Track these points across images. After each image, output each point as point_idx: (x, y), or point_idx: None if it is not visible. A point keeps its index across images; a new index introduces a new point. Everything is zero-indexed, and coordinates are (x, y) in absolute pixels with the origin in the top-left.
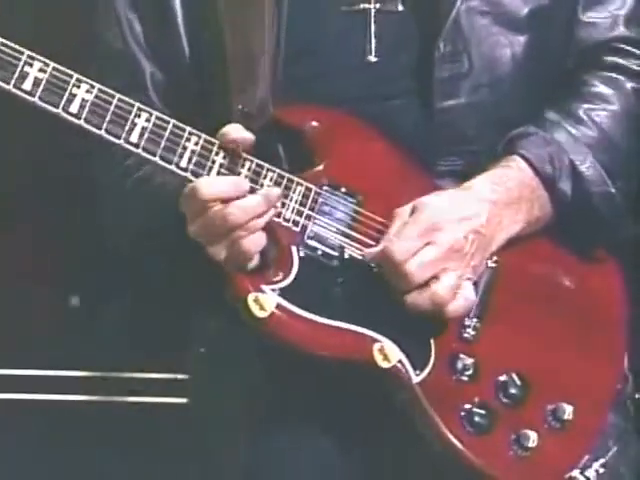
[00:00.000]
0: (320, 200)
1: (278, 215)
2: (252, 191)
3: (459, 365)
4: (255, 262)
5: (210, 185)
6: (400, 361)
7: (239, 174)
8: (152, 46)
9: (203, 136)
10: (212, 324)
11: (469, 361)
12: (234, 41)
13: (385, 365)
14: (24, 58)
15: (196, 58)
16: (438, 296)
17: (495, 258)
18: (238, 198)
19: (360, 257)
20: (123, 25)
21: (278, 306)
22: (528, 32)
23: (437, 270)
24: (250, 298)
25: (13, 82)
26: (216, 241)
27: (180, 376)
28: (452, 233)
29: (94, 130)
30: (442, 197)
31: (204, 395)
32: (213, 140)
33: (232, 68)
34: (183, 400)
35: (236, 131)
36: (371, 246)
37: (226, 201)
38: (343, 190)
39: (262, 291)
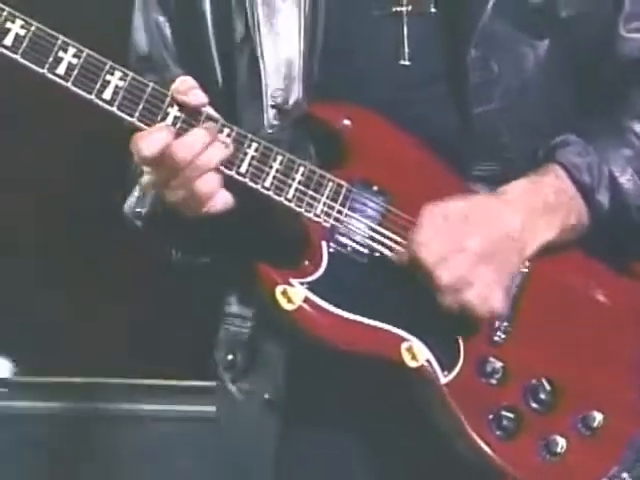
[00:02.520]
0: (351, 197)
1: (308, 210)
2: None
3: (488, 368)
4: (217, 208)
5: (148, 142)
6: (428, 361)
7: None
8: (181, 50)
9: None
10: (238, 323)
11: (498, 365)
12: (268, 43)
13: (413, 364)
14: (59, 43)
15: (226, 60)
16: (469, 303)
17: (527, 263)
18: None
19: (389, 256)
20: (152, 29)
21: (306, 300)
22: (551, 37)
23: (468, 276)
24: (278, 290)
25: (47, 66)
26: (170, 185)
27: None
28: (484, 238)
29: (126, 117)
30: (475, 201)
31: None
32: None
33: (266, 69)
34: (212, 408)
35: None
36: (401, 245)
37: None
38: (374, 188)
39: (290, 284)
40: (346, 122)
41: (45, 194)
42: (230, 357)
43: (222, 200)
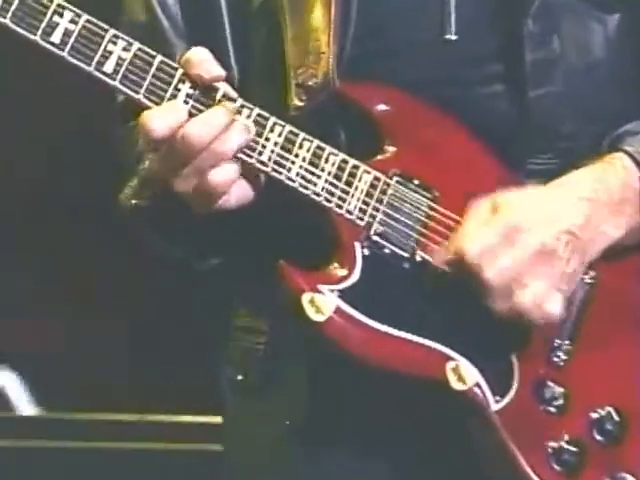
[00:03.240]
0: (389, 192)
1: (340, 205)
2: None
3: (547, 394)
4: (231, 203)
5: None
6: (477, 384)
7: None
8: (185, 18)
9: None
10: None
11: (559, 390)
12: (292, 11)
13: (459, 387)
14: (53, 6)
15: (241, 32)
16: (520, 306)
17: (592, 274)
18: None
19: (434, 261)
20: None
21: (337, 310)
22: (622, 10)
23: (521, 277)
24: (305, 298)
25: (40, 32)
26: (180, 173)
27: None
28: (540, 234)
29: (131, 94)
30: (530, 193)
31: (241, 430)
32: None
33: (289, 42)
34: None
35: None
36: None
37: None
38: (416, 182)
39: (319, 291)
40: (382, 105)
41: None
42: (241, 378)
43: (238, 194)
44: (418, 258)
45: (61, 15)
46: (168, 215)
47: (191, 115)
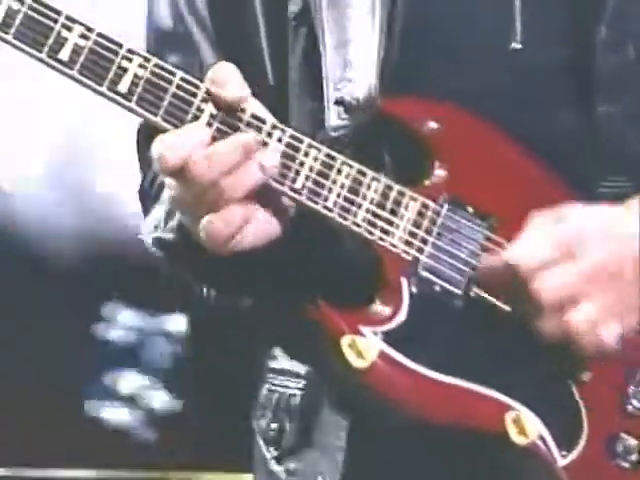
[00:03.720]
0: (440, 221)
1: (383, 238)
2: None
3: (619, 447)
4: (245, 244)
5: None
6: (541, 437)
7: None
8: (216, 25)
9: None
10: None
11: (634, 443)
12: (332, 19)
13: (521, 441)
14: (61, 20)
15: (276, 43)
16: (571, 327)
17: None
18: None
19: (491, 298)
20: None
21: (381, 354)
22: None
23: (577, 294)
24: (345, 342)
25: (47, 49)
26: (187, 208)
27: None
28: (606, 251)
29: (148, 116)
30: (600, 208)
31: None
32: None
33: (328, 53)
34: None
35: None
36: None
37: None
38: (470, 210)
39: (361, 334)
40: (432, 123)
41: None
42: (275, 426)
43: (258, 232)
44: (472, 295)
45: (70, 29)
46: (191, 249)
47: (215, 139)
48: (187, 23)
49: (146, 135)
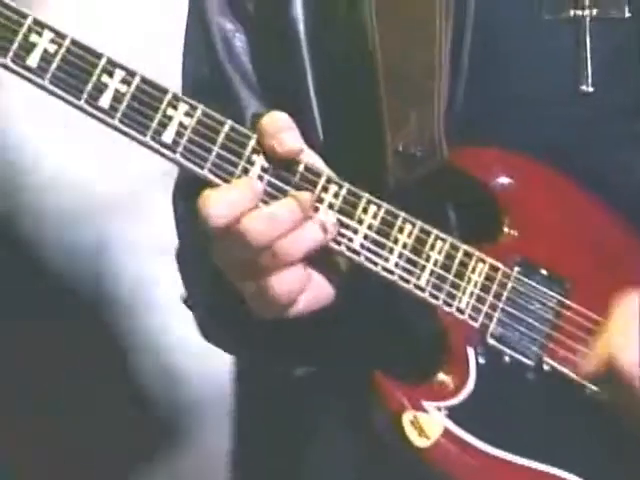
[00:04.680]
0: (510, 285)
1: (448, 303)
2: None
3: None
4: (299, 309)
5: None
6: None
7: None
8: (258, 71)
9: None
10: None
11: None
12: (388, 57)
13: None
14: (102, 63)
15: (324, 89)
16: None
17: None
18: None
19: (567, 371)
20: (214, 39)
21: (446, 432)
22: None
23: None
24: (406, 418)
25: (85, 96)
26: (237, 272)
27: None
28: None
29: (195, 169)
30: None
31: None
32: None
33: (386, 95)
34: None
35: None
36: (585, 354)
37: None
38: (544, 273)
39: (424, 409)
40: (503, 177)
41: None
42: None
43: (310, 299)
44: (546, 367)
45: (111, 75)
46: (236, 314)
47: (267, 194)
48: (226, 71)
49: (185, 194)
